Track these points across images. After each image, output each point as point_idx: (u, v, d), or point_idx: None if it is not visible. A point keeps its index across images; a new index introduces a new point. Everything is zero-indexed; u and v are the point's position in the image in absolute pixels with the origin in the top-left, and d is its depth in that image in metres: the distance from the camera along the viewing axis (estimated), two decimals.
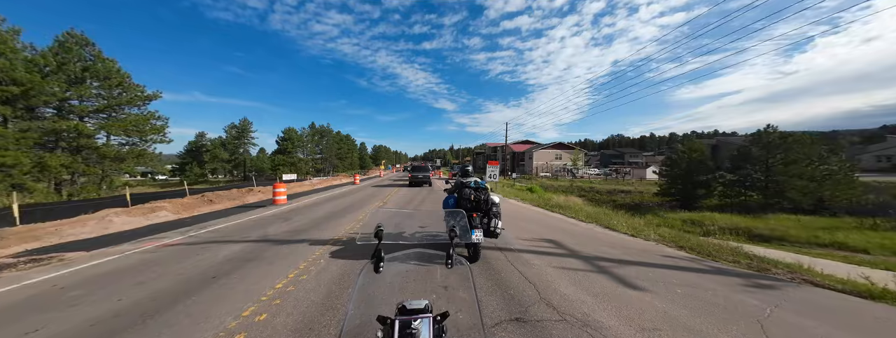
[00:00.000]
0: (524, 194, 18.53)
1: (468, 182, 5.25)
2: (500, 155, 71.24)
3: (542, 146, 56.70)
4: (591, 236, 7.58)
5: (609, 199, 30.86)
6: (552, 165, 54.02)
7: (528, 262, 4.88)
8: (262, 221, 8.62)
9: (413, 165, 22.77)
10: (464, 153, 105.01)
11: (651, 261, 5.26)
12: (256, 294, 3.66)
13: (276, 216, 9.47)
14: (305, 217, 9.32)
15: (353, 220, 8.87)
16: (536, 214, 11.35)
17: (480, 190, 5.10)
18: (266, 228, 7.72)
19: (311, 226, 8.01)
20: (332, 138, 60.08)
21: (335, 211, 10.67)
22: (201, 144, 54.52)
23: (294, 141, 49.44)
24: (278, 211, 10.52)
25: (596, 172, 55.07)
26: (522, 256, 5.27)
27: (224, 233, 7.08)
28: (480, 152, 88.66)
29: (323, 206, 12.06)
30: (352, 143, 71.92)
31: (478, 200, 4.95)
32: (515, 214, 10.62)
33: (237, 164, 52.61)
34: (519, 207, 12.73)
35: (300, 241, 6.29)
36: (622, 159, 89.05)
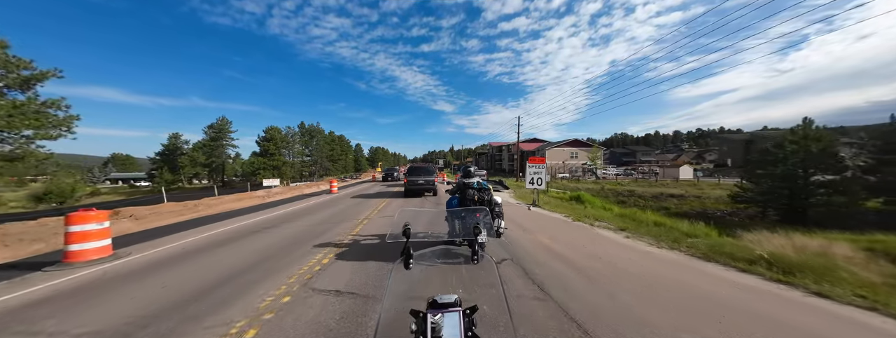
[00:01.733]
0: (581, 210, 11.83)
1: (470, 183, 5.04)
2: (506, 154, 64.65)
3: (555, 144, 50.11)
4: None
5: (659, 205, 24.19)
6: (568, 165, 47.32)
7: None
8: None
9: (411, 167, 16.02)
10: (465, 154, 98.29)
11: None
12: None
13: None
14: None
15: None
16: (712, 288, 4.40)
17: (483, 190, 4.96)
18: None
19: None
20: (324, 139, 53.38)
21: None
22: (176, 146, 47.78)
23: (277, 142, 42.72)
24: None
25: (616, 172, 48.35)
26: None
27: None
28: (483, 152, 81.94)
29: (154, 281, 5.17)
30: (346, 144, 65.22)
31: (481, 200, 4.81)
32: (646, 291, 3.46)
33: (215, 168, 45.81)
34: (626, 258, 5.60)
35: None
36: (634, 158, 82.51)
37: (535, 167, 10.89)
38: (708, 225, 8.16)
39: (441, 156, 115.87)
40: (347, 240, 6.18)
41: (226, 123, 45.28)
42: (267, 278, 3.94)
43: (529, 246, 5.65)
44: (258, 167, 40.57)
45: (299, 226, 7.89)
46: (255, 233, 7.08)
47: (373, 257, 4.84)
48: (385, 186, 22.73)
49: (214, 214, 10.41)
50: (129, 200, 28.56)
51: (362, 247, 5.65)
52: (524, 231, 6.85)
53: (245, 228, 7.62)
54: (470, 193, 4.90)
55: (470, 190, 4.95)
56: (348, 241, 6.09)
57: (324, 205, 12.38)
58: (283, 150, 45.84)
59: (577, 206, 12.88)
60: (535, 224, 7.66)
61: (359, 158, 75.50)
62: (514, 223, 7.60)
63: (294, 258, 4.87)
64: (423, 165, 16.58)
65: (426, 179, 14.94)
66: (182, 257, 5.11)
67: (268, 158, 41.82)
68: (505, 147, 65.31)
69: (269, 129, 42.80)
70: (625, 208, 13.48)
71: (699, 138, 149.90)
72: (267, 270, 4.31)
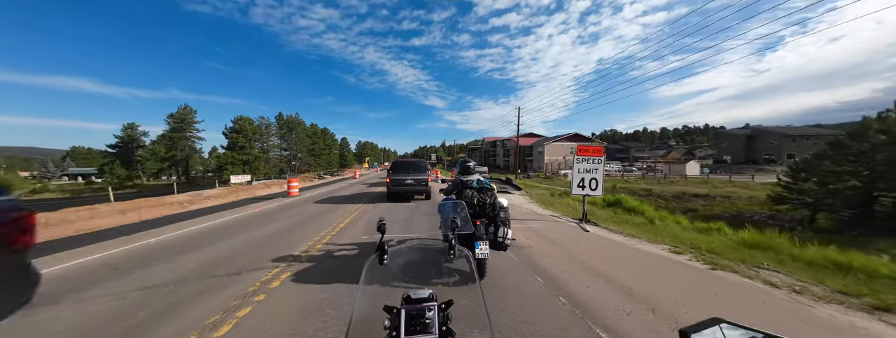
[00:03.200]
0: (653, 227, 7.92)
1: (469, 181, 3.96)
2: (501, 150, 60.94)
3: (555, 138, 46.62)
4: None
5: (685, 207, 20.85)
6: (569, 161, 43.97)
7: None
8: None
9: (396, 162, 11.71)
10: (457, 150, 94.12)
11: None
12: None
13: None
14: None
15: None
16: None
17: (485, 191, 3.82)
18: None
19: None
20: (304, 131, 48.13)
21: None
22: (133, 138, 41.67)
23: (248, 134, 37.43)
24: None
25: (617, 168, 45.41)
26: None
27: None
28: (476, 148, 78.08)
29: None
30: (330, 138, 59.95)
31: (482, 203, 3.69)
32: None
33: (176, 162, 40.10)
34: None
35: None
36: (627, 153, 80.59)
37: (588, 161, 6.89)
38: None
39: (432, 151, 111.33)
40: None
41: (188, 112, 39.51)
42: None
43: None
44: (225, 162, 35.33)
45: (159, 274, 3.59)
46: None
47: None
48: (366, 186, 18.41)
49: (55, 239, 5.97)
50: (54, 201, 23.07)
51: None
52: (651, 313, 2.76)
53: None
54: (468, 195, 3.72)
55: (468, 191, 3.78)
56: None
57: (260, 219, 8.05)
58: (257, 143, 40.54)
59: (633, 218, 9.03)
60: (646, 281, 3.65)
61: (345, 152, 70.26)
62: (589, 274, 3.61)
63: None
64: (412, 159, 12.26)
65: (416, 177, 10.77)
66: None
67: (237, 151, 36.55)
68: (499, 142, 61.56)
69: (239, 119, 37.44)
70: (695, 221, 9.76)
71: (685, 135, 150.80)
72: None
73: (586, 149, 6.85)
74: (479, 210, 3.68)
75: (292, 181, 12.76)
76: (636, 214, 10.31)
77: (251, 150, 37.51)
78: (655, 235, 5.93)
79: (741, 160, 49.78)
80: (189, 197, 11.20)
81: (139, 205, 9.11)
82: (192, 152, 40.57)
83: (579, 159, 6.89)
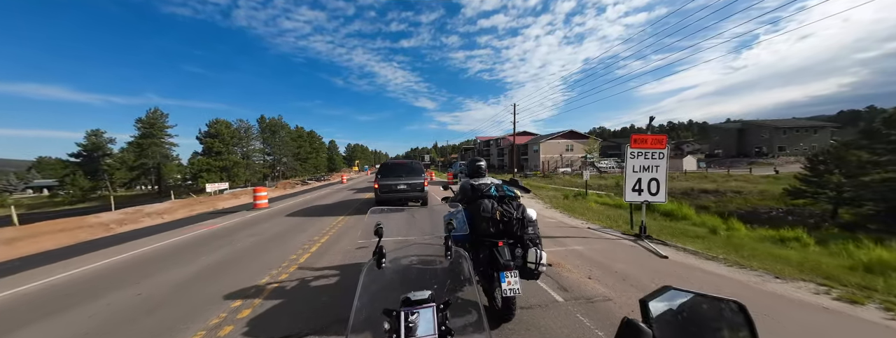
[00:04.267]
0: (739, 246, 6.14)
1: (484, 187, 2.84)
2: (495, 149, 59.30)
3: (550, 136, 45.21)
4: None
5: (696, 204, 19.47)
6: (566, 159, 42.63)
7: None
8: None
9: (385, 165, 9.61)
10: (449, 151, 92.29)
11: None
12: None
13: None
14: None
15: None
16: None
17: (508, 200, 2.70)
18: None
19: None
20: (289, 134, 45.30)
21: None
22: (97, 146, 38.06)
23: (225, 138, 34.52)
24: None
25: (613, 165, 44.38)
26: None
27: None
28: (469, 148, 76.36)
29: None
30: (318, 141, 57.09)
31: (508, 218, 2.57)
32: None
33: (146, 171, 36.73)
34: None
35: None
36: (619, 150, 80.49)
37: (646, 156, 5.02)
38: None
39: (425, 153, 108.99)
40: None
41: (159, 116, 36.25)
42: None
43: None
44: (200, 169, 32.37)
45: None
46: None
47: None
48: (353, 192, 16.25)
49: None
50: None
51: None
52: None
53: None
54: (487, 207, 2.61)
55: (486, 201, 2.67)
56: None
57: (198, 246, 5.87)
58: (237, 148, 37.63)
59: (676, 224, 7.25)
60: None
61: (333, 156, 67.34)
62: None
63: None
64: (404, 161, 10.14)
65: (410, 181, 8.76)
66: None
67: (213, 157, 33.61)
68: (493, 141, 59.96)
69: (214, 122, 34.51)
70: (744, 225, 8.06)
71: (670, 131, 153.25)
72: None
73: (644, 139, 4.99)
74: (504, 228, 2.63)
75: (260, 191, 10.50)
76: (675, 218, 8.57)
77: (229, 155, 34.60)
78: (753, 259, 4.11)
79: (733, 154, 49.62)
80: (122, 215, 8.85)
81: (41, 230, 6.77)
82: (165, 160, 37.26)
83: (633, 154, 5.03)
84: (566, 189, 16.67)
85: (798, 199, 17.36)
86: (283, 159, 43.48)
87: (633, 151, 5.01)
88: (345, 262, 4.42)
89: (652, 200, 5.06)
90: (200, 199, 12.99)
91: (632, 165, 5.02)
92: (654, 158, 5.03)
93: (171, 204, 10.69)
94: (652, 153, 5.02)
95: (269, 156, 42.44)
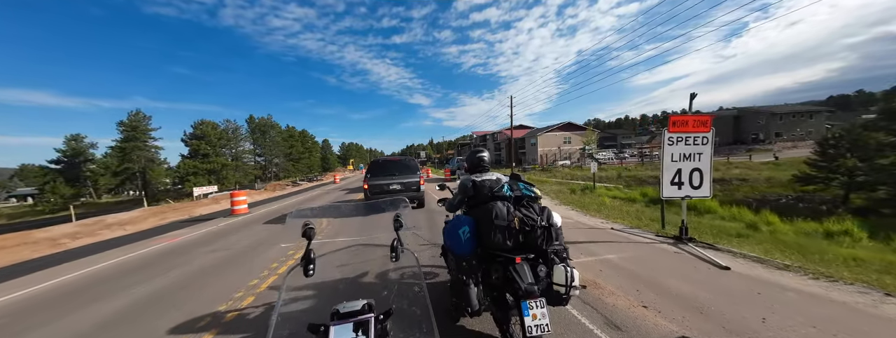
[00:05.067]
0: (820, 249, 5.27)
1: (492, 185, 2.15)
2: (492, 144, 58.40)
3: (547, 129, 44.34)
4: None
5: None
6: (564, 151, 41.88)
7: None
8: None
9: (375, 162, 8.44)
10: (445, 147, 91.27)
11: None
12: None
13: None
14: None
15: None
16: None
17: (526, 201, 2.04)
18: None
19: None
20: (279, 134, 43.84)
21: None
22: (78, 152, 36.37)
23: (212, 140, 33.10)
24: None
25: (612, 157, 43.81)
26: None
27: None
28: (465, 143, 75.39)
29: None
30: (310, 140, 55.62)
31: (530, 226, 1.87)
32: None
33: (131, 176, 35.20)
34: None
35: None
36: (615, 141, 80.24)
37: (688, 141, 4.09)
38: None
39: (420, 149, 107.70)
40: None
41: (141, 119, 34.60)
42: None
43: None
44: (187, 172, 31.00)
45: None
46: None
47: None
48: (345, 193, 15.26)
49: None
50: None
51: None
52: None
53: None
54: (501, 212, 1.89)
55: (499, 204, 1.93)
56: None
57: (152, 265, 4.85)
58: (225, 149, 36.20)
59: (702, 219, 6.40)
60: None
61: (327, 155, 65.90)
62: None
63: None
64: (397, 158, 9.06)
65: (403, 180, 7.79)
66: None
67: (200, 160, 32.21)
68: (489, 136, 59.05)
69: (200, 123, 33.02)
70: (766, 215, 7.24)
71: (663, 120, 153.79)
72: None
73: (684, 120, 4.05)
74: (524, 240, 1.87)
75: (237, 195, 9.43)
76: (698, 212, 7.72)
77: (217, 157, 33.21)
78: (831, 265, 3.25)
79: (729, 141, 49.36)
80: (78, 228, 7.76)
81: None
82: (151, 164, 35.71)
83: (672, 139, 4.10)
84: (571, 183, 15.84)
85: (808, 185, 16.76)
86: (274, 160, 42.11)
87: (672, 135, 4.08)
88: (324, 279, 3.45)
89: (695, 194, 4.15)
90: (175, 205, 11.88)
91: (670, 153, 4.10)
92: (696, 143, 4.11)
93: (140, 212, 9.60)
94: (694, 138, 4.10)
95: (260, 157, 41.04)
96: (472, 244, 1.92)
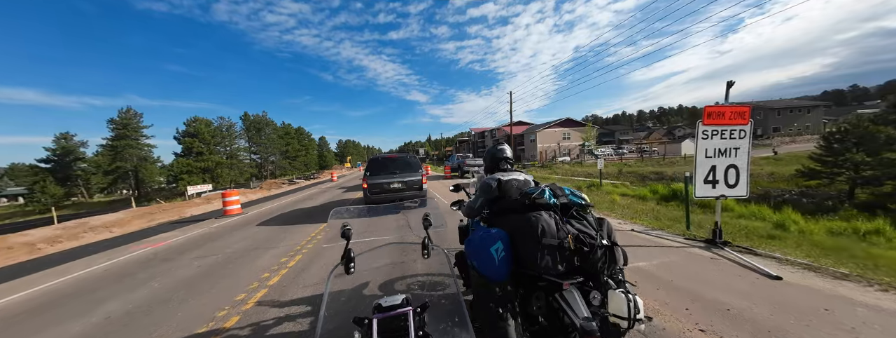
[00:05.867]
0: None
1: (521, 185, 1.89)
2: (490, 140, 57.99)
3: (546, 125, 43.95)
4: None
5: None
6: (563, 147, 41.58)
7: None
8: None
9: (374, 159, 7.93)
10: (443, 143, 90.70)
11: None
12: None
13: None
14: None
15: None
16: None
17: (575, 210, 1.53)
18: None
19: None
20: (275, 132, 43.04)
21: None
22: (68, 150, 35.45)
23: (205, 138, 32.32)
24: None
25: (610, 153, 43.61)
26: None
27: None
28: (464, 140, 74.91)
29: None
30: (307, 137, 54.81)
31: (588, 246, 1.38)
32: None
33: (123, 175, 34.39)
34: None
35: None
36: (613, 137, 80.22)
37: (724, 134, 3.67)
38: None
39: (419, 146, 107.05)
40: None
41: (133, 117, 33.69)
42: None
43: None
44: (180, 171, 30.28)
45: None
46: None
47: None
48: (342, 191, 14.78)
49: None
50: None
51: None
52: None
53: None
54: (548, 227, 1.39)
55: (544, 214, 1.44)
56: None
57: (131, 276, 4.39)
58: (219, 147, 35.43)
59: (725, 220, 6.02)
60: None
61: (324, 153, 65.13)
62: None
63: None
64: (397, 155, 8.53)
65: (404, 179, 7.35)
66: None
67: (194, 158, 31.48)
68: (488, 132, 58.58)
69: (193, 120, 32.21)
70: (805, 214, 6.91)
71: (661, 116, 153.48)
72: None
73: (721, 111, 3.62)
74: (581, 262, 1.43)
75: (229, 195, 8.94)
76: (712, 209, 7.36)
77: (211, 155, 32.47)
78: (891, 272, 2.87)
79: None
80: (59, 231, 7.24)
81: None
82: (143, 162, 34.90)
83: (706, 133, 3.68)
84: (574, 179, 15.48)
85: (812, 180, 16.57)
86: (270, 158, 41.39)
87: (707, 128, 3.66)
88: (320, 292, 3.04)
89: (730, 193, 3.76)
90: (165, 205, 11.35)
91: (704, 148, 3.69)
92: (733, 137, 3.70)
93: (126, 214, 9.09)
94: (731, 131, 3.69)
95: (255, 155, 40.29)
96: (508, 266, 1.49)
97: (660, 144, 42.43)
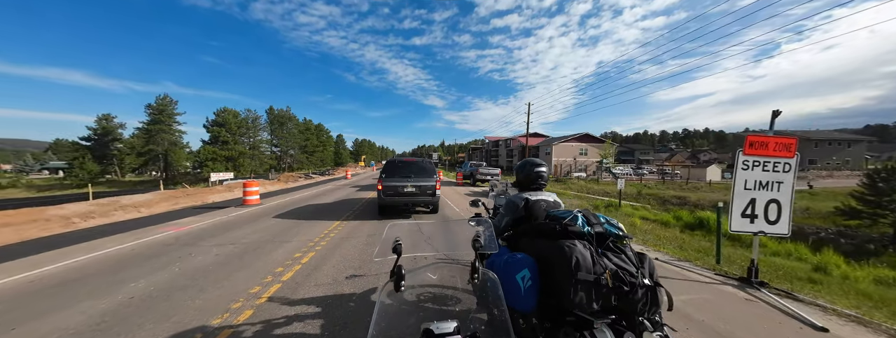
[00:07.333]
0: None
1: (550, 207, 1.81)
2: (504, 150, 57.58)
3: (563, 139, 43.24)
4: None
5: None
6: (579, 163, 40.70)
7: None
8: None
9: (391, 162, 7.96)
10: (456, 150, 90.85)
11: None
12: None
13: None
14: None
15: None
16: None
17: (611, 241, 1.38)
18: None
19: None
20: (296, 127, 44.48)
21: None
22: (107, 131, 37.88)
23: (231, 128, 33.77)
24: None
25: (629, 172, 42.28)
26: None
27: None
28: (477, 148, 74.81)
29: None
30: (325, 134, 56.29)
31: (629, 285, 1.24)
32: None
33: (154, 157, 36.30)
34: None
35: None
36: (632, 156, 77.81)
37: (766, 166, 3.45)
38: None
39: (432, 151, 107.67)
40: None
41: (168, 103, 35.73)
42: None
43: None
44: (206, 158, 31.67)
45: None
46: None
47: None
48: (356, 190, 14.96)
49: None
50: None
51: None
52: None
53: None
54: (584, 261, 1.27)
55: (579, 245, 1.32)
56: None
57: (151, 259, 4.55)
58: (243, 138, 36.90)
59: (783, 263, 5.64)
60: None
61: (340, 150, 66.57)
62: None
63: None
64: (413, 159, 8.55)
65: (418, 183, 7.35)
66: None
67: (219, 146, 32.89)
68: (502, 142, 58.23)
69: (222, 111, 33.79)
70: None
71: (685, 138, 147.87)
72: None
73: (764, 141, 3.42)
74: (618, 301, 1.29)
75: (250, 185, 9.21)
76: (744, 243, 6.92)
77: (235, 145, 33.84)
78: None
79: None
80: (93, 207, 7.66)
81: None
82: (174, 147, 36.76)
83: (747, 163, 3.47)
84: (591, 197, 15.05)
85: (852, 219, 15.39)
86: (289, 151, 42.69)
87: (748, 159, 3.46)
88: (331, 292, 3.04)
89: (770, 230, 3.50)
90: (190, 190, 11.84)
91: (743, 178, 3.47)
92: (777, 169, 3.47)
93: (154, 195, 9.52)
94: (774, 163, 3.46)
95: (276, 147, 41.67)
96: (535, 296, 1.40)
97: (683, 168, 40.77)
